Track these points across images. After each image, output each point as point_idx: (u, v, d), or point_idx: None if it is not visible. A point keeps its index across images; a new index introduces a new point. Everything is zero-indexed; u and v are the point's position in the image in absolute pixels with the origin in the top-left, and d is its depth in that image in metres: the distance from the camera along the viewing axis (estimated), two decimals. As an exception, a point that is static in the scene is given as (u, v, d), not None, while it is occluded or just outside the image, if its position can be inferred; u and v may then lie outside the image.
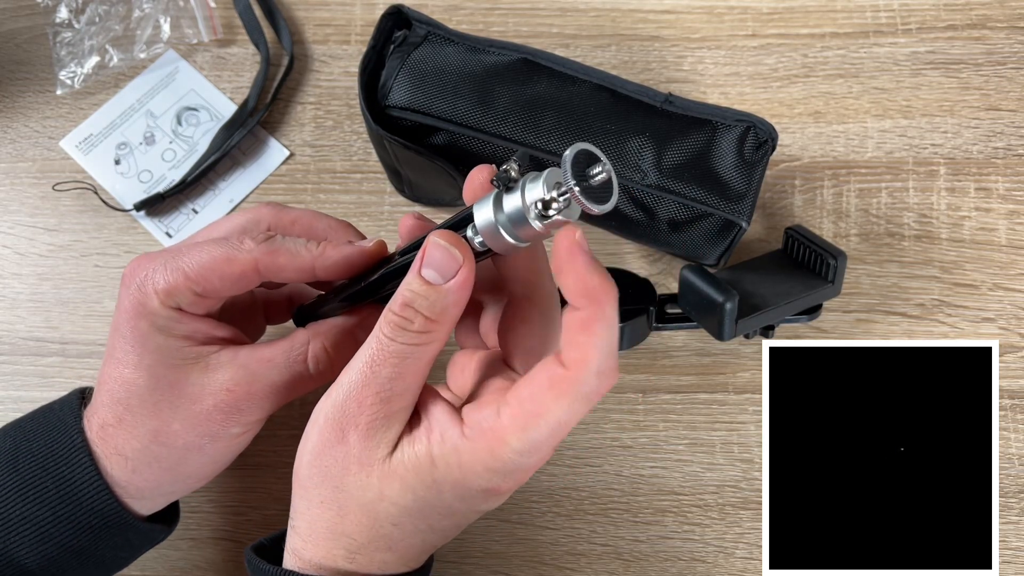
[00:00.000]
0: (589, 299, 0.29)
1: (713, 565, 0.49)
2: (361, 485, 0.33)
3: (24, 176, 0.56)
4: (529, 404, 0.31)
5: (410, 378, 0.32)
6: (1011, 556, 0.49)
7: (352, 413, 0.33)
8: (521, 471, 0.33)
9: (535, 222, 0.29)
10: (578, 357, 0.30)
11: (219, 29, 0.59)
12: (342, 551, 0.34)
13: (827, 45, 0.58)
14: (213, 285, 0.37)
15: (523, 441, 0.31)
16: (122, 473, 0.38)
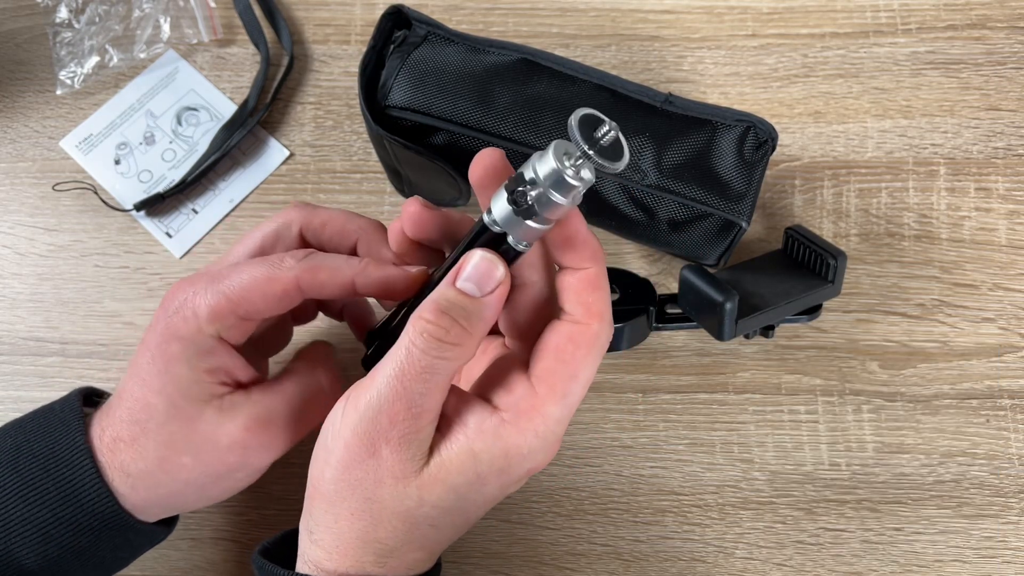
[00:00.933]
0: (594, 259, 0.33)
1: (713, 565, 0.49)
2: (398, 496, 0.33)
3: (24, 176, 0.56)
4: (562, 369, 0.33)
5: (439, 393, 0.32)
6: (1011, 556, 0.49)
7: (384, 428, 0.32)
8: (558, 440, 0.34)
9: (561, 198, 0.30)
10: (592, 311, 0.33)
11: (219, 29, 0.59)
12: (372, 556, 0.34)
13: (827, 45, 0.58)
14: (256, 306, 0.36)
15: (564, 407, 0.33)
16: (121, 487, 0.38)
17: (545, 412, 0.33)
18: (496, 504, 0.37)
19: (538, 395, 0.33)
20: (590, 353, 0.33)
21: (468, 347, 0.32)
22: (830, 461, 0.50)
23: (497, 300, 0.32)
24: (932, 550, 0.49)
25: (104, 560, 0.39)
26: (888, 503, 0.50)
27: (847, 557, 0.49)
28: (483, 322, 0.32)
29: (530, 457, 0.33)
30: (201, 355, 0.37)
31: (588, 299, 0.33)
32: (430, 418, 0.33)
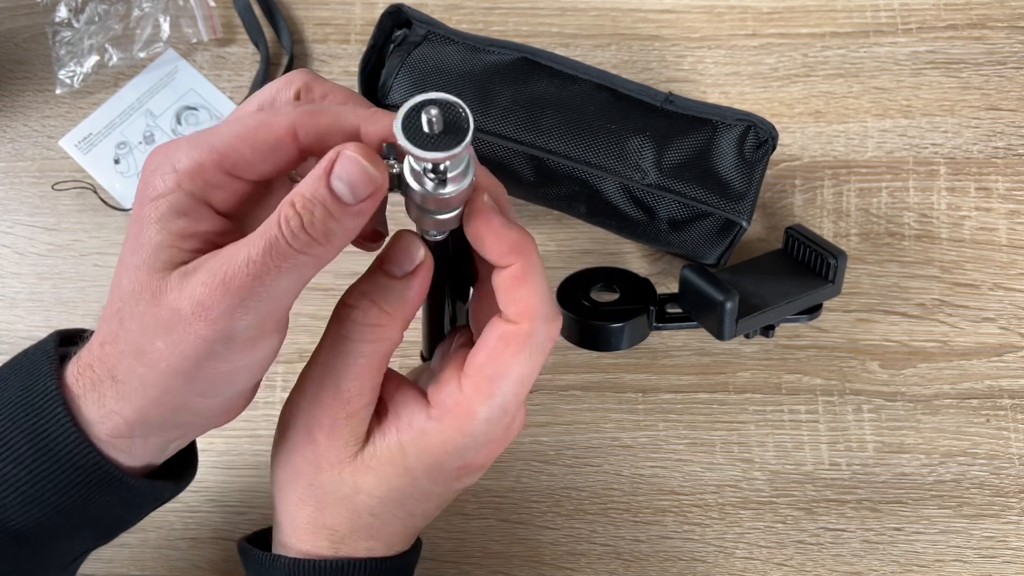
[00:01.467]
0: (516, 253, 0.31)
1: (713, 565, 0.49)
2: (336, 481, 0.33)
3: (23, 175, 0.56)
4: (489, 368, 0.31)
5: (367, 377, 0.32)
6: (1011, 556, 0.49)
7: (316, 415, 0.33)
8: (494, 441, 0.33)
9: (436, 188, 0.29)
10: (524, 309, 0.31)
11: (219, 28, 0.59)
12: (326, 542, 0.34)
13: (827, 45, 0.58)
14: (245, 158, 0.31)
15: (491, 408, 0.32)
16: (103, 429, 0.33)
17: (470, 411, 0.32)
18: (447, 501, 0.36)
19: (464, 393, 0.32)
20: (520, 352, 0.31)
21: (388, 330, 0.32)
22: (830, 461, 0.50)
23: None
24: (932, 550, 0.49)
25: (99, 520, 0.35)
26: (888, 503, 0.50)
27: (847, 557, 0.49)
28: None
29: (458, 455, 0.32)
30: (175, 215, 0.30)
31: (515, 296, 0.31)
32: (360, 404, 0.33)
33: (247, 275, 0.28)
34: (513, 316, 0.31)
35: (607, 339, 0.48)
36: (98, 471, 0.33)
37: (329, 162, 0.29)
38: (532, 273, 0.31)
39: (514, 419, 0.34)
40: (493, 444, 0.33)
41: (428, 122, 0.27)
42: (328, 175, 0.28)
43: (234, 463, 0.51)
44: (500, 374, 0.31)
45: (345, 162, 0.28)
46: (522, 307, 0.31)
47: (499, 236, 0.30)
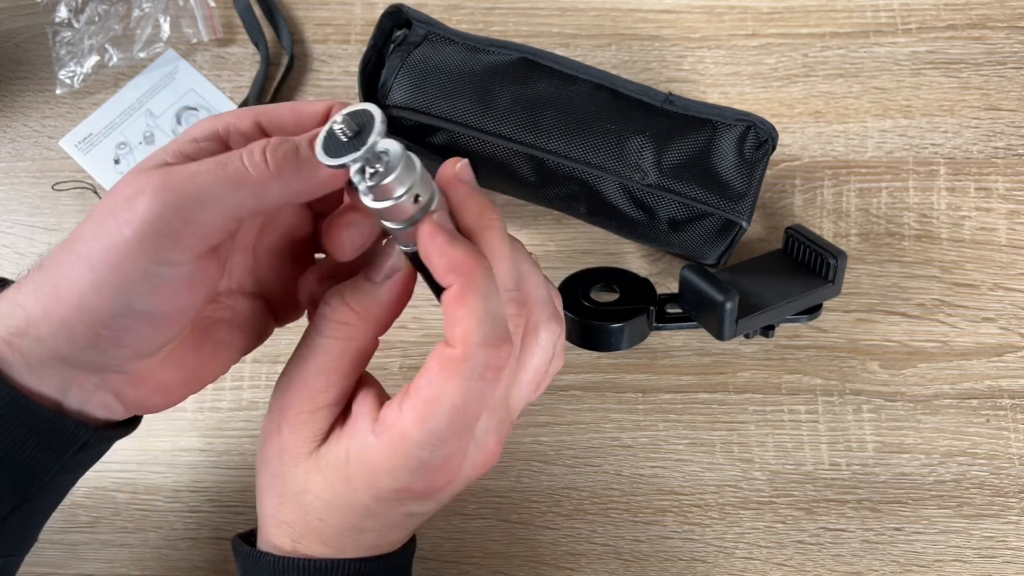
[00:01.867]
0: (457, 273, 0.30)
1: (713, 565, 0.49)
2: (291, 475, 0.34)
3: (23, 175, 0.56)
4: (425, 391, 0.30)
5: (334, 375, 0.33)
6: (1011, 556, 0.49)
7: (284, 406, 0.34)
8: (430, 469, 0.32)
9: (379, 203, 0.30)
10: (459, 333, 0.30)
11: (219, 29, 0.59)
12: (286, 538, 0.35)
13: (827, 45, 0.58)
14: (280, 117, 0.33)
15: (423, 432, 0.30)
16: (24, 296, 0.31)
17: (403, 432, 0.31)
18: (406, 524, 0.35)
19: (402, 414, 0.31)
20: (453, 378, 0.30)
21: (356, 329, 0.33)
22: (830, 461, 0.50)
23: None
24: (932, 550, 0.49)
25: (10, 456, 0.32)
26: (888, 503, 0.50)
27: (847, 557, 0.49)
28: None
29: (393, 476, 0.31)
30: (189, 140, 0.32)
31: (452, 317, 0.30)
32: (324, 401, 0.33)
33: (187, 173, 0.29)
34: (450, 339, 0.30)
35: (607, 339, 0.48)
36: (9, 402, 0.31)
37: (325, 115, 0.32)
38: (471, 294, 0.30)
39: (455, 452, 0.32)
40: (430, 472, 0.32)
41: (340, 132, 0.29)
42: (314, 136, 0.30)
43: (234, 463, 0.51)
44: (433, 398, 0.30)
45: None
46: (457, 331, 0.30)
47: (440, 253, 0.30)
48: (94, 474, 0.51)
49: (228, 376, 0.52)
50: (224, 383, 0.52)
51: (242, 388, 0.52)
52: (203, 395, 0.52)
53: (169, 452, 0.51)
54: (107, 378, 0.33)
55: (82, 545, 0.50)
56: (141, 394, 0.34)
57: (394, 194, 0.29)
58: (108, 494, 0.51)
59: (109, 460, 0.51)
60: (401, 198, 0.29)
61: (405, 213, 0.30)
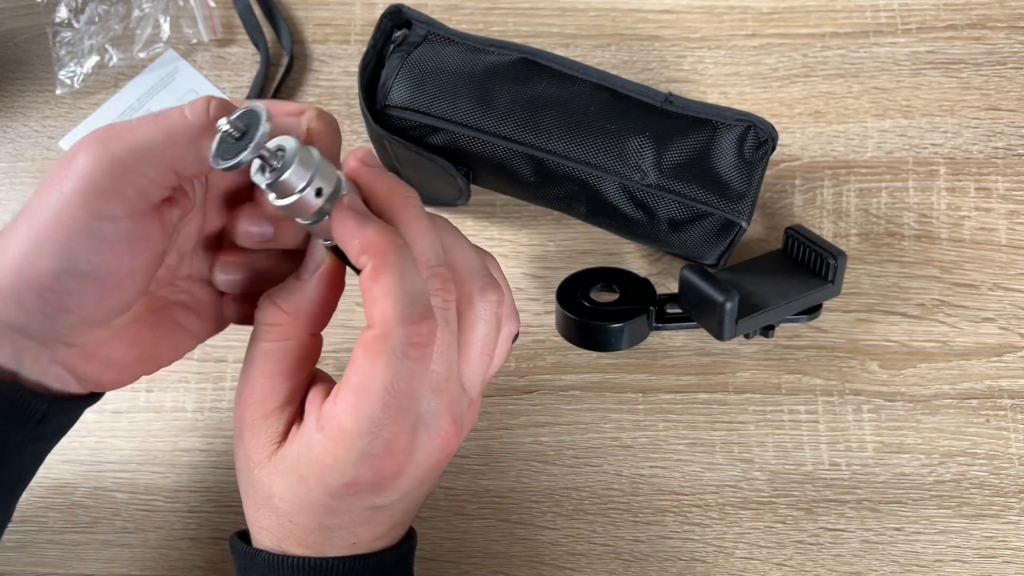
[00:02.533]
0: (369, 252, 0.30)
1: (713, 565, 0.49)
2: (258, 481, 0.34)
3: (24, 176, 0.56)
4: (354, 380, 0.30)
5: (278, 376, 0.33)
6: (1011, 556, 0.49)
7: (240, 415, 0.34)
8: (372, 457, 0.31)
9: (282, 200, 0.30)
10: (377, 313, 0.30)
11: (219, 29, 0.59)
12: (269, 542, 0.35)
13: (827, 45, 0.58)
14: None
15: (357, 421, 0.30)
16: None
17: (339, 423, 0.30)
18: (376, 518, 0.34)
19: (336, 405, 0.31)
20: (378, 359, 0.29)
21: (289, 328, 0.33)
22: (830, 461, 0.50)
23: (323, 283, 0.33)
24: (932, 550, 0.49)
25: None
26: (888, 503, 0.50)
27: (847, 557, 0.49)
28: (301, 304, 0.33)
29: (339, 470, 0.31)
30: None
31: (368, 298, 0.30)
32: (273, 404, 0.33)
33: (126, 127, 0.30)
34: (369, 319, 0.30)
35: (607, 339, 0.49)
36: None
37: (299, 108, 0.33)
38: (384, 273, 0.29)
39: (395, 436, 0.31)
40: (373, 460, 0.31)
41: (228, 135, 0.29)
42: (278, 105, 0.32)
43: (233, 463, 0.51)
44: (362, 385, 0.30)
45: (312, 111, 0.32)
46: (374, 310, 0.30)
47: (351, 235, 0.30)
48: (94, 474, 0.51)
49: (228, 376, 0.52)
50: (224, 383, 0.52)
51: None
52: (203, 395, 0.52)
53: (169, 452, 0.51)
54: (59, 352, 0.33)
55: (82, 545, 0.50)
56: (94, 369, 0.34)
57: (295, 189, 0.29)
58: (108, 494, 0.51)
59: (109, 460, 0.51)
60: (303, 191, 0.29)
61: (311, 207, 0.30)
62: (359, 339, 0.30)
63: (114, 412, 0.52)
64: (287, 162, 0.29)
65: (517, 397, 0.52)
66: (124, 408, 0.52)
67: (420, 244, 0.31)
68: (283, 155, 0.29)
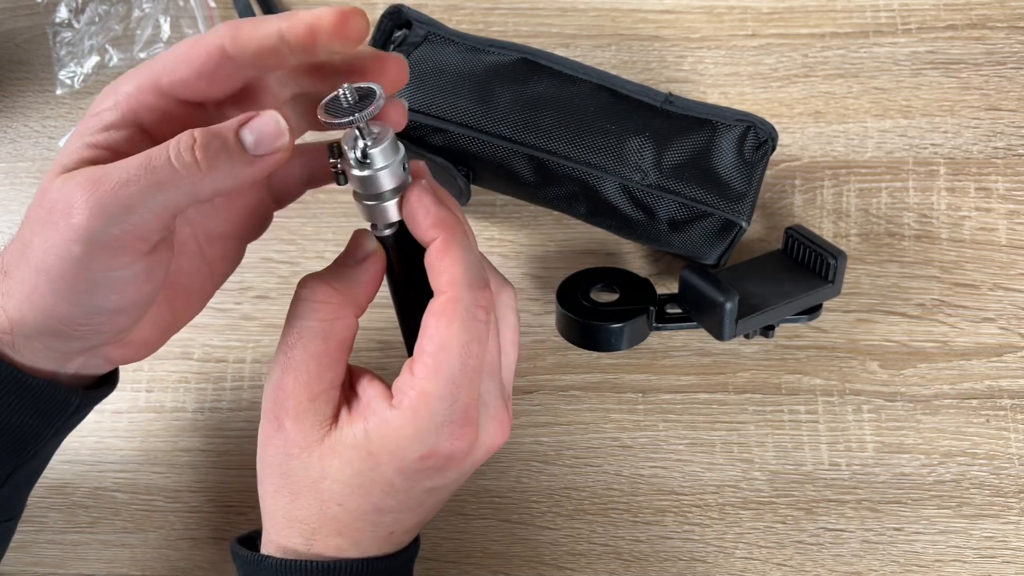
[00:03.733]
0: (440, 227, 0.33)
1: (713, 565, 0.49)
2: (304, 467, 0.34)
3: (24, 176, 0.56)
4: (429, 346, 0.32)
5: (324, 359, 0.34)
6: (1011, 556, 0.49)
7: (281, 400, 0.34)
8: (452, 424, 0.33)
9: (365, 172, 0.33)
10: (447, 279, 0.33)
11: (219, 29, 0.59)
12: (299, 537, 0.35)
13: (827, 45, 0.58)
14: (179, 75, 0.31)
15: (439, 383, 0.32)
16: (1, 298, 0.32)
17: (422, 390, 0.32)
18: (425, 503, 0.36)
19: (415, 376, 0.33)
20: (453, 321, 0.32)
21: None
22: (830, 461, 0.50)
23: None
24: (932, 550, 0.49)
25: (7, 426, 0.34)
26: (888, 503, 0.50)
27: (847, 557, 0.49)
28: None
29: (420, 440, 0.33)
30: (100, 129, 0.31)
31: (439, 268, 0.33)
32: (321, 387, 0.34)
33: (115, 182, 0.29)
34: (440, 287, 0.33)
35: (607, 339, 0.49)
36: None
37: (248, 116, 0.31)
38: (454, 245, 0.33)
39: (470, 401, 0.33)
40: (453, 428, 0.33)
41: (345, 99, 0.32)
42: (240, 124, 0.31)
43: (234, 463, 0.51)
44: (440, 347, 0.32)
45: (263, 117, 0.31)
46: (446, 277, 0.33)
47: (427, 211, 0.33)
48: (94, 474, 0.51)
49: (228, 376, 0.52)
50: (224, 383, 0.52)
51: (242, 388, 0.52)
52: (203, 395, 0.52)
53: (169, 452, 0.51)
54: (96, 350, 0.35)
55: (82, 545, 0.50)
56: (127, 352, 0.36)
57: (379, 165, 0.33)
58: (108, 494, 0.51)
59: (109, 460, 0.51)
60: (384, 169, 0.33)
61: (384, 186, 0.33)
62: (428, 310, 0.33)
63: (114, 412, 0.52)
64: (381, 138, 0.33)
65: (517, 397, 0.52)
66: (124, 408, 0.52)
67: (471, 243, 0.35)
68: (378, 133, 0.33)
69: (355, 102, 0.32)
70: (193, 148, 0.30)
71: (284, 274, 0.54)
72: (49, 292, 0.31)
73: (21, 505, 0.40)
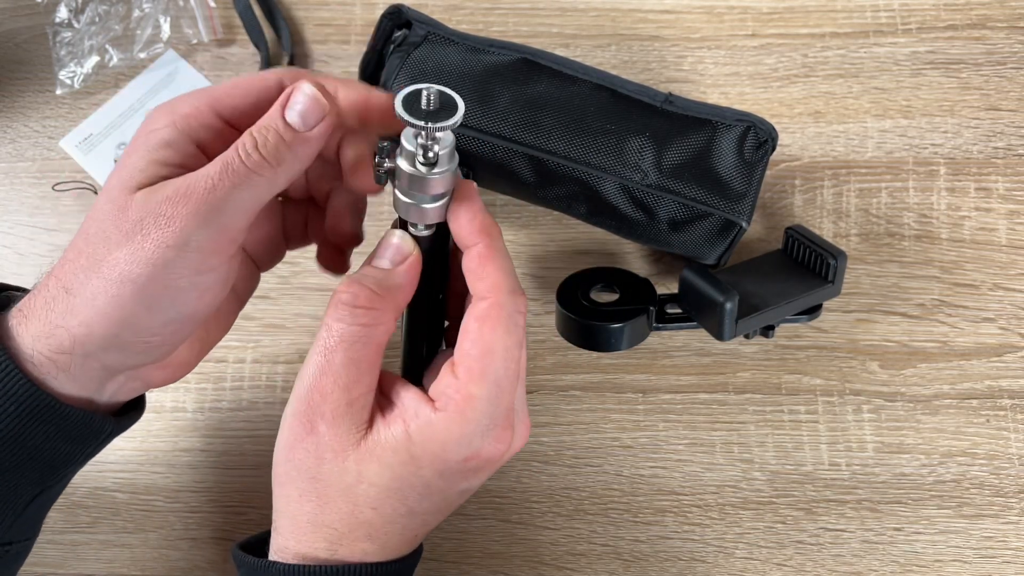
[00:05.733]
0: (483, 234, 0.34)
1: (713, 565, 0.49)
2: (338, 471, 0.34)
3: (24, 176, 0.56)
4: (474, 350, 0.33)
5: (364, 363, 0.34)
6: (1011, 556, 0.49)
7: (316, 403, 0.34)
8: (496, 427, 0.34)
9: (429, 174, 0.33)
10: (489, 284, 0.33)
11: (219, 29, 0.59)
12: (324, 543, 0.34)
13: (827, 45, 0.58)
14: (236, 102, 0.34)
15: (486, 386, 0.33)
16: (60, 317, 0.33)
17: (469, 394, 0.33)
18: (452, 504, 0.37)
19: (460, 380, 0.33)
20: (498, 326, 0.33)
21: (382, 313, 0.34)
22: (830, 461, 0.51)
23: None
24: (932, 550, 0.49)
25: (40, 452, 0.35)
26: (888, 503, 0.50)
27: (847, 557, 0.49)
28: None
29: (465, 442, 0.33)
30: (162, 146, 0.33)
31: (482, 273, 0.34)
32: (359, 391, 0.34)
33: (204, 189, 0.31)
34: (482, 293, 0.33)
35: (607, 339, 0.49)
36: (30, 398, 0.33)
37: (285, 96, 0.33)
38: (497, 253, 0.34)
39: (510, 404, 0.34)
40: (497, 431, 0.34)
41: (426, 100, 0.32)
42: (283, 107, 0.33)
43: (234, 463, 0.51)
44: (486, 351, 0.33)
45: (299, 94, 0.33)
46: (489, 283, 0.33)
47: (475, 215, 0.34)
48: (94, 474, 0.51)
49: (228, 376, 0.52)
50: (224, 383, 0.52)
51: (242, 388, 0.52)
52: (203, 395, 0.52)
53: (169, 452, 0.51)
54: (140, 371, 0.36)
55: (82, 545, 0.50)
56: (166, 374, 0.37)
57: (444, 167, 0.33)
58: (108, 494, 0.51)
59: (109, 460, 0.51)
60: (444, 172, 0.33)
61: (437, 188, 0.33)
62: (469, 314, 0.34)
63: (114, 412, 0.52)
64: (444, 143, 0.33)
65: (517, 397, 0.52)
66: (124, 408, 0.52)
67: None
68: (442, 138, 0.33)
69: (436, 108, 0.32)
70: (256, 147, 0.32)
71: (284, 274, 0.54)
72: (133, 301, 0.32)
73: (39, 527, 0.39)
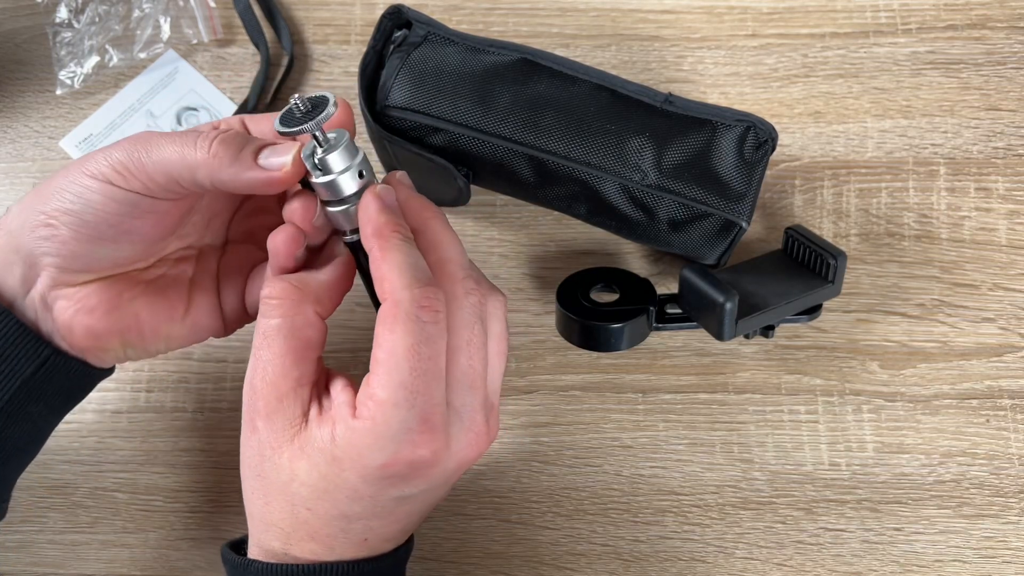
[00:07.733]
0: (375, 237, 0.33)
1: (713, 565, 0.49)
2: (275, 467, 0.34)
3: (24, 176, 0.56)
4: (379, 352, 0.32)
5: (288, 357, 0.34)
6: (1011, 556, 0.49)
7: (252, 401, 0.35)
8: (410, 432, 0.32)
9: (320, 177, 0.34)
10: (386, 286, 0.33)
11: (219, 29, 0.59)
12: (276, 541, 0.35)
13: (827, 45, 0.58)
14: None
15: (391, 390, 0.32)
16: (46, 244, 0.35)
17: (376, 398, 0.32)
18: (395, 512, 0.35)
19: (369, 386, 0.33)
20: (396, 326, 0.32)
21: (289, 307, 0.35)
22: (830, 461, 0.51)
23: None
24: (932, 550, 0.49)
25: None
26: (888, 503, 0.50)
27: (847, 557, 0.49)
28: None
29: (379, 449, 0.32)
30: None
31: (377, 277, 0.33)
32: (287, 385, 0.34)
33: (157, 135, 0.35)
34: (382, 295, 0.33)
35: (607, 339, 0.49)
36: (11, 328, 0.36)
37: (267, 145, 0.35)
38: (388, 250, 0.33)
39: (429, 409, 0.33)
40: (412, 436, 0.32)
41: (296, 108, 0.33)
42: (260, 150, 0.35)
43: (234, 463, 0.51)
44: (388, 354, 0.32)
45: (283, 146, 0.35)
46: (384, 285, 0.33)
47: (369, 219, 0.34)
48: (95, 474, 0.51)
49: (228, 376, 0.52)
50: (224, 383, 0.52)
51: (242, 388, 0.52)
52: (203, 395, 0.52)
53: (169, 452, 0.51)
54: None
55: (82, 545, 0.50)
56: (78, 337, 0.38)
57: (338, 168, 0.34)
58: (108, 494, 0.51)
59: (109, 460, 0.51)
60: (345, 172, 0.34)
61: (345, 190, 0.34)
62: (377, 318, 0.33)
63: (114, 412, 0.52)
64: (337, 143, 0.34)
65: (517, 397, 0.52)
66: (124, 408, 0.52)
67: (452, 250, 0.35)
68: (334, 138, 0.34)
69: (308, 111, 0.33)
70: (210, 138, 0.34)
71: (284, 274, 0.54)
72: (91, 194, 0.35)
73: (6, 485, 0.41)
